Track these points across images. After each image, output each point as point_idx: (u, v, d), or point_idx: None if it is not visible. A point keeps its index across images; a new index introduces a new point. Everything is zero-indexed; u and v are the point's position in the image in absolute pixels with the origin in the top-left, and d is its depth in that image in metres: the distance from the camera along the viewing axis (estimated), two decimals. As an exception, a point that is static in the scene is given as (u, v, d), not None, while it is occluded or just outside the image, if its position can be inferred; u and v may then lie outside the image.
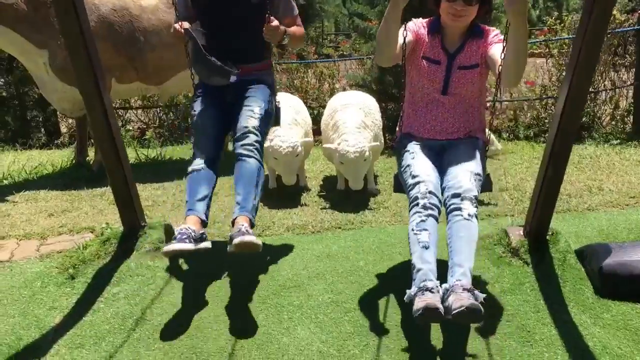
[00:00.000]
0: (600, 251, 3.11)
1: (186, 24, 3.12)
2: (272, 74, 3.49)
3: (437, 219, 2.63)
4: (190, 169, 3.15)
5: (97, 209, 4.51)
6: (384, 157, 6.07)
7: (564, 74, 6.95)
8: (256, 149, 3.10)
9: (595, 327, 2.75)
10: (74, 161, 5.71)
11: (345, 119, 4.51)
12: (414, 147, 2.92)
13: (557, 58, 7.08)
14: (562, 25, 7.35)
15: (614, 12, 6.71)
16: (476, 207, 2.62)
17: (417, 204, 2.63)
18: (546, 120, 6.89)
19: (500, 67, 2.65)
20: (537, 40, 7.90)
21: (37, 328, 2.85)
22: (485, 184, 2.90)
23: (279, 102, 3.49)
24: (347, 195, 4.70)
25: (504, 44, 2.61)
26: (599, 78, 6.97)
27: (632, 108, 6.76)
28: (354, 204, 4.53)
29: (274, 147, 4.35)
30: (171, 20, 5.19)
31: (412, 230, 2.59)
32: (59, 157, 6.10)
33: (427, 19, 2.95)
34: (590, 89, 6.77)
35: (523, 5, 2.35)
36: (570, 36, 6.99)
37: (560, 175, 3.14)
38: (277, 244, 3.79)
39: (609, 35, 6.67)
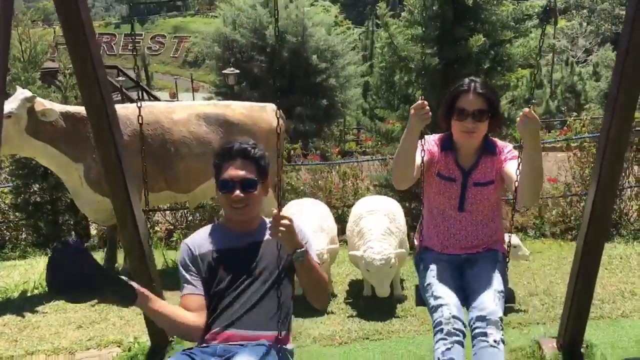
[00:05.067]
0: (638, 367, 3.01)
1: None
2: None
3: (462, 344, 2.57)
4: None
5: (125, 319, 4.53)
6: (409, 258, 6.04)
7: (586, 171, 7.02)
8: None
9: None
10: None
11: (371, 226, 4.55)
12: (434, 265, 2.87)
13: (579, 155, 7.14)
14: (582, 123, 7.47)
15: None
16: (502, 329, 2.56)
17: (442, 330, 2.57)
18: (572, 217, 6.85)
19: (517, 184, 2.65)
20: (559, 139, 8.02)
21: None
22: (508, 297, 2.85)
23: None
24: (374, 302, 4.65)
25: (519, 160, 2.61)
26: (623, 175, 6.96)
27: (658, 204, 6.70)
28: (381, 312, 4.48)
29: (300, 255, 4.37)
30: (201, 132, 5.44)
31: (439, 359, 2.52)
32: (89, 263, 6.18)
33: (438, 136, 2.95)
34: (615, 186, 6.77)
35: (535, 126, 2.44)
36: (591, 134, 7.09)
37: (590, 288, 3.11)
38: (304, 357, 3.73)
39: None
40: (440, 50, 6.71)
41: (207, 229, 2.59)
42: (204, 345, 2.32)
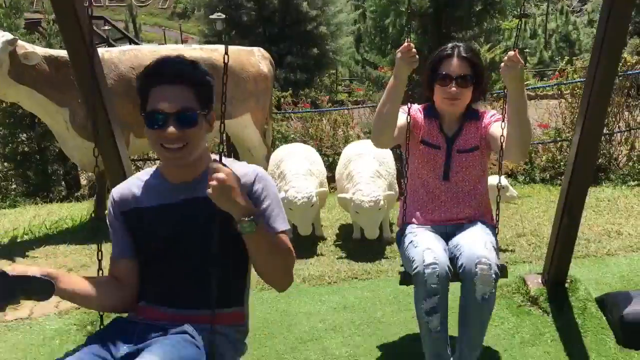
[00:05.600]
0: (620, 299, 3.06)
1: None
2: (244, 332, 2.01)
3: (447, 290, 2.45)
4: None
5: (116, 263, 4.55)
6: (399, 202, 6.07)
7: (577, 117, 7.01)
8: None
9: (619, 379, 2.69)
10: (92, 215, 5.79)
11: (360, 169, 4.54)
12: (416, 228, 2.71)
13: (570, 101, 7.11)
14: (573, 68, 7.42)
15: (625, 55, 6.77)
16: (495, 278, 2.38)
17: (425, 283, 2.39)
18: (562, 163, 6.87)
19: (502, 141, 2.51)
20: (550, 84, 7.96)
21: (55, 387, 2.85)
22: (500, 269, 2.51)
23: None
24: (363, 244, 4.69)
25: (504, 114, 2.49)
26: (613, 120, 6.97)
27: (648, 149, 6.73)
28: (370, 253, 4.52)
29: (289, 198, 4.38)
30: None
31: (422, 317, 2.45)
32: (79, 211, 6.19)
33: (422, 105, 2.81)
34: (605, 131, 6.77)
35: (518, 71, 2.33)
36: (582, 79, 7.04)
37: (576, 222, 3.13)
38: (293, 295, 3.78)
39: (621, 78, 6.70)
40: (431, -8, 6.59)
41: (140, 175, 2.03)
42: (125, 319, 1.92)
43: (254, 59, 5.94)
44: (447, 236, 2.68)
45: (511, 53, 2.32)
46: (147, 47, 5.82)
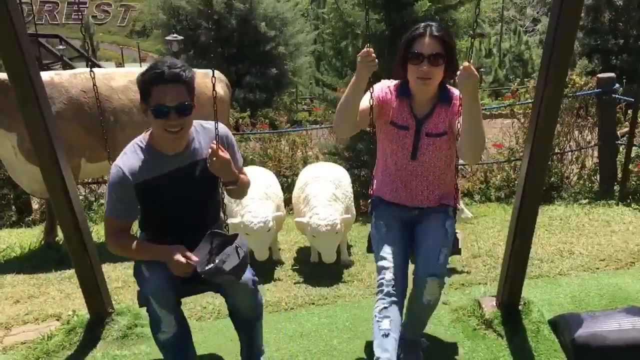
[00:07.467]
0: (572, 322, 3.10)
1: (194, 258, 2.53)
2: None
3: (401, 305, 2.78)
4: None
5: (65, 293, 4.40)
6: (358, 224, 6.07)
7: (526, 136, 7.16)
8: None
9: (571, 402, 2.71)
10: (42, 242, 5.61)
11: (316, 192, 4.53)
12: (386, 219, 2.94)
13: (522, 121, 7.26)
14: (525, 89, 7.60)
15: (574, 76, 6.96)
16: (441, 287, 2.76)
17: (382, 291, 2.76)
18: (516, 182, 7.00)
19: (458, 136, 2.70)
20: (503, 104, 8.14)
21: None
22: (454, 248, 3.04)
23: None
24: (321, 268, 4.66)
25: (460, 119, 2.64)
26: (564, 139, 7.14)
27: (597, 168, 6.91)
28: (327, 277, 4.49)
29: (245, 222, 4.32)
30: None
31: (376, 316, 2.74)
32: (29, 237, 5.99)
33: (395, 82, 2.90)
34: (557, 150, 6.94)
35: (474, 81, 2.46)
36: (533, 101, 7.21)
37: (527, 245, 3.17)
38: (249, 324, 3.70)
39: (570, 99, 6.89)
40: (386, 15, 6.67)
41: (137, 151, 2.60)
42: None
43: (209, 81, 5.89)
44: (411, 223, 2.96)
45: (466, 64, 2.46)
46: (100, 70, 5.71)
